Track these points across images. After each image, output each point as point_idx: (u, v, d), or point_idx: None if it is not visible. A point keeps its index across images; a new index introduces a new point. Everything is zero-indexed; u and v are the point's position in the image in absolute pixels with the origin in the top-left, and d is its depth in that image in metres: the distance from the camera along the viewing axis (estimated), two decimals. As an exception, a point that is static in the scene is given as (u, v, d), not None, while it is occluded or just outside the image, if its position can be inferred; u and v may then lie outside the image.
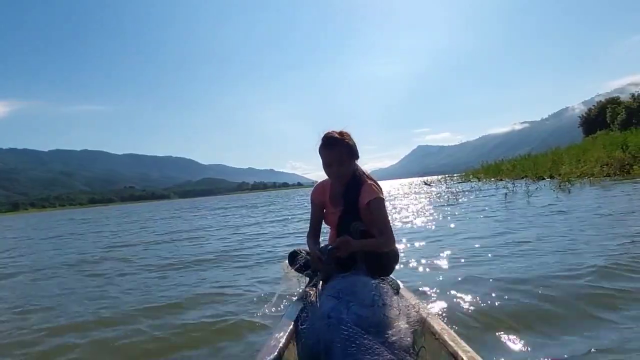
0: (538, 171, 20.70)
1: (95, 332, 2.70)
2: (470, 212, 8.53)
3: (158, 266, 5.12)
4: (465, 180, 28.33)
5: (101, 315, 3.09)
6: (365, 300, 1.59)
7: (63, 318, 3.10)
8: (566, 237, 4.62)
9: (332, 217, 2.32)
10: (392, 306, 1.61)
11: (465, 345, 1.37)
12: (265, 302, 2.96)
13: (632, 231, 4.59)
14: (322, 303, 1.64)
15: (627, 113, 41.58)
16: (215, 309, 3.03)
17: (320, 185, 2.41)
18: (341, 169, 2.19)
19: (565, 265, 3.40)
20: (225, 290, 3.54)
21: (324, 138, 2.20)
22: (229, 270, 4.54)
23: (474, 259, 3.98)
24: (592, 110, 49.55)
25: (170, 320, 2.85)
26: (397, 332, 1.48)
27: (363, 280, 1.77)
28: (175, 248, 6.96)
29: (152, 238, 9.24)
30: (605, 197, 8.89)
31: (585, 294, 2.66)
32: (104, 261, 6.06)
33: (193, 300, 3.33)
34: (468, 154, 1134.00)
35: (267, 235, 7.69)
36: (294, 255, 2.64)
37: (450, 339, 1.41)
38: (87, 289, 4.17)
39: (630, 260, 3.31)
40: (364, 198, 2.16)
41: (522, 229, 5.66)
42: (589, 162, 17.40)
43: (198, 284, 3.95)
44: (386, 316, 1.54)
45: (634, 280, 2.89)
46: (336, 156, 2.16)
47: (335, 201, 2.30)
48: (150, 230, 11.83)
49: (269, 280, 3.86)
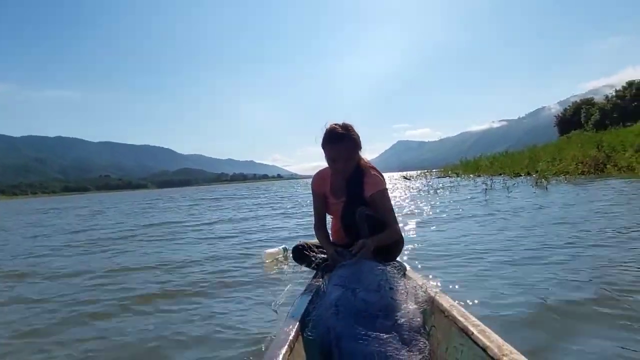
0: (515, 168, 21.07)
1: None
2: (449, 205, 8.54)
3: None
4: (444, 176, 28.61)
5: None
6: (372, 285, 1.60)
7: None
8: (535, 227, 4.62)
9: (334, 207, 2.26)
10: (399, 289, 1.61)
11: (475, 319, 1.37)
12: (275, 296, 2.94)
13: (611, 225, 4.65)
14: (329, 292, 1.62)
15: (601, 114, 42.79)
16: (222, 297, 3.00)
17: (319, 175, 2.33)
18: (347, 164, 2.12)
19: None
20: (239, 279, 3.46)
21: (328, 132, 2.10)
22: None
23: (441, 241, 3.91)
24: (568, 111, 50.78)
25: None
26: (406, 313, 1.50)
27: (368, 266, 1.75)
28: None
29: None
30: (582, 193, 9.04)
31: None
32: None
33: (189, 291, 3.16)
34: (448, 150, 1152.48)
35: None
36: (300, 250, 2.51)
37: (460, 315, 1.42)
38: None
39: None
40: (368, 190, 2.11)
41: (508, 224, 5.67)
42: (565, 160, 17.77)
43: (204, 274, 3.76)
44: (394, 299, 1.54)
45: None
46: (342, 152, 2.08)
47: (337, 192, 2.24)
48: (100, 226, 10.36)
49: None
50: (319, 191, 2.32)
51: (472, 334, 1.28)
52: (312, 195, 2.36)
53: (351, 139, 2.10)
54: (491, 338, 1.22)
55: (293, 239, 5.52)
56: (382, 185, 2.13)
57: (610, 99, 44.89)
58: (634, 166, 14.91)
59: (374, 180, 2.13)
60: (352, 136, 2.10)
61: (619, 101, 42.96)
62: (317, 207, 2.35)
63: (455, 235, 4.94)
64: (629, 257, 3.31)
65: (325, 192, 2.30)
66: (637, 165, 14.80)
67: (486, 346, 1.20)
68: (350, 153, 2.10)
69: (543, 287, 2.74)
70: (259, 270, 3.88)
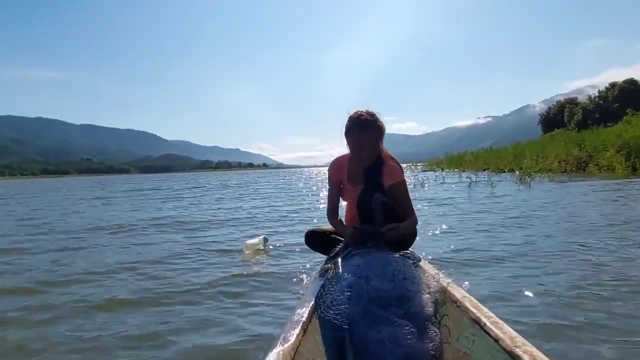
0: (500, 164, 21.33)
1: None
2: (435, 197, 8.59)
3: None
4: (429, 170, 28.86)
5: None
6: (385, 274, 1.61)
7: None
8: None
9: (351, 194, 2.25)
10: (413, 279, 1.62)
11: (487, 310, 1.37)
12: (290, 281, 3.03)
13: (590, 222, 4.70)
14: (343, 278, 1.63)
15: (584, 114, 43.59)
16: (239, 286, 3.00)
17: (337, 161, 2.31)
18: (371, 152, 2.11)
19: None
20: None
21: (355, 119, 2.08)
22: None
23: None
24: (552, 109, 51.59)
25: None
26: (418, 303, 1.52)
27: (382, 255, 1.75)
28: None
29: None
30: (563, 191, 9.18)
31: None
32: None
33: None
34: (433, 144, 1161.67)
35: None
36: (313, 235, 2.46)
37: (472, 306, 1.42)
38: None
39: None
40: (386, 180, 2.11)
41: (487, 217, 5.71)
42: (549, 157, 18.06)
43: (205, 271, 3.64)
44: (407, 289, 1.56)
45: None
46: (369, 139, 2.07)
47: (355, 179, 2.22)
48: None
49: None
50: (335, 178, 2.31)
51: (485, 325, 1.29)
52: (328, 181, 2.34)
53: (378, 127, 2.09)
54: (504, 329, 1.22)
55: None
56: (401, 177, 2.13)
57: (593, 100, 45.72)
58: (615, 166, 15.24)
59: (394, 171, 2.13)
60: (379, 124, 2.10)
61: (601, 102, 43.82)
62: (332, 194, 2.34)
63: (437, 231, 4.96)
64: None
65: (342, 179, 2.29)
66: (618, 165, 15.13)
67: (498, 337, 1.20)
68: (376, 141, 2.10)
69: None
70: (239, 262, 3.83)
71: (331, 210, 2.33)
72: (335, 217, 2.31)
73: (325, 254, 2.25)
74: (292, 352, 1.19)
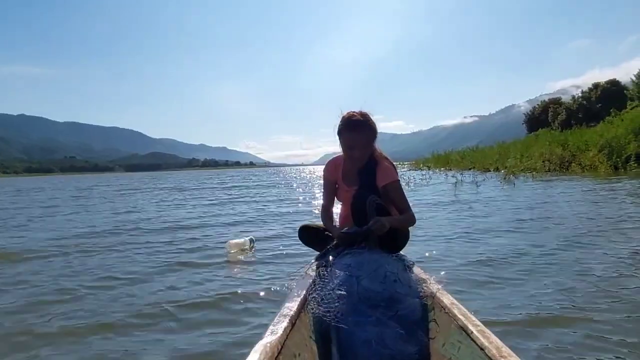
0: (485, 163, 21.52)
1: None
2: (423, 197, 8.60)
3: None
4: (416, 169, 29.02)
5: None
6: (377, 275, 1.61)
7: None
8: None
9: (345, 194, 2.27)
10: (404, 282, 1.63)
11: (475, 319, 1.38)
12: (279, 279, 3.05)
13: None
14: (333, 276, 1.64)
15: (567, 114, 44.24)
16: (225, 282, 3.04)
17: (332, 162, 2.34)
18: (364, 152, 2.13)
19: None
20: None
21: (346, 120, 2.11)
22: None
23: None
24: (536, 109, 52.26)
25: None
26: (408, 306, 1.52)
27: (374, 256, 1.76)
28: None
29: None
30: (547, 190, 9.28)
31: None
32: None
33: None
34: (420, 143, 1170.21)
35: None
36: (306, 230, 2.48)
37: (460, 313, 1.43)
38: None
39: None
40: (380, 180, 2.13)
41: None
42: (533, 157, 18.27)
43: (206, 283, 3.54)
44: (397, 292, 1.56)
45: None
46: (361, 139, 2.10)
47: (349, 180, 2.26)
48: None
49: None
50: (330, 178, 2.35)
51: (472, 333, 1.29)
52: (323, 181, 2.39)
53: (370, 127, 2.11)
54: (490, 339, 1.22)
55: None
56: (395, 176, 2.16)
57: (576, 100, 46.42)
58: (597, 165, 15.49)
59: (387, 171, 2.15)
60: (371, 124, 2.12)
61: (585, 102, 44.52)
62: (327, 194, 2.38)
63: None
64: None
65: (337, 179, 2.33)
66: (600, 164, 15.38)
67: (484, 346, 1.20)
68: (368, 141, 2.12)
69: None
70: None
71: (325, 209, 2.36)
72: (328, 217, 2.33)
73: (318, 250, 2.25)
74: (279, 345, 1.22)
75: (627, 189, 8.76)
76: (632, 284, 2.69)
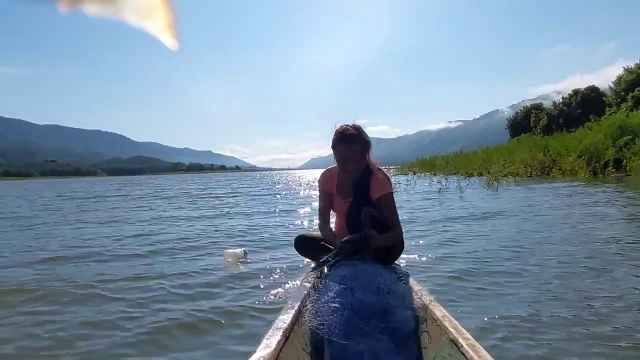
0: (469, 169, 21.83)
1: None
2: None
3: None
4: (401, 173, 29.25)
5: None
6: (371, 287, 1.62)
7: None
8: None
9: (340, 206, 2.29)
10: (397, 294, 1.63)
11: (465, 332, 1.40)
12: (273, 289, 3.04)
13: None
14: (328, 288, 1.65)
15: (548, 119, 45.14)
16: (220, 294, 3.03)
17: (327, 173, 2.37)
18: (358, 165, 2.16)
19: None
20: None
21: (340, 133, 2.14)
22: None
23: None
24: (519, 115, 53.14)
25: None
26: (400, 318, 1.53)
27: (369, 268, 1.77)
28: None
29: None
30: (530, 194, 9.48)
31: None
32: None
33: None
34: (405, 147, 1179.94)
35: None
36: (304, 241, 2.50)
37: (451, 326, 1.44)
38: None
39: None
40: (374, 192, 2.15)
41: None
42: (515, 162, 18.63)
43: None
44: (390, 303, 1.57)
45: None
46: (353, 153, 2.13)
47: (344, 192, 2.28)
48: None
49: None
50: (326, 189, 2.36)
51: (462, 347, 1.30)
52: (319, 192, 2.40)
53: (363, 140, 2.14)
54: (480, 353, 1.24)
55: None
56: (389, 189, 2.18)
57: (557, 106, 47.39)
58: (577, 170, 15.89)
59: (381, 183, 2.17)
60: (364, 137, 2.15)
61: (565, 108, 45.47)
62: (323, 205, 2.38)
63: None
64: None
65: (331, 191, 2.34)
66: (580, 169, 15.78)
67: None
68: (361, 154, 2.15)
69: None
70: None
71: (322, 221, 2.36)
72: (326, 228, 2.33)
73: (314, 260, 2.29)
74: (273, 359, 1.23)
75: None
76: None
